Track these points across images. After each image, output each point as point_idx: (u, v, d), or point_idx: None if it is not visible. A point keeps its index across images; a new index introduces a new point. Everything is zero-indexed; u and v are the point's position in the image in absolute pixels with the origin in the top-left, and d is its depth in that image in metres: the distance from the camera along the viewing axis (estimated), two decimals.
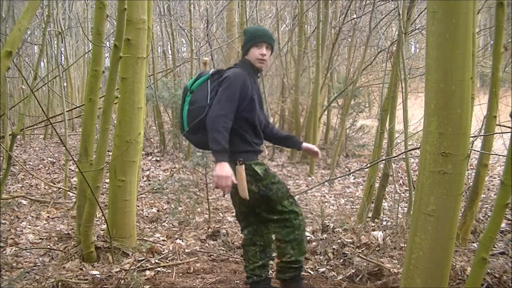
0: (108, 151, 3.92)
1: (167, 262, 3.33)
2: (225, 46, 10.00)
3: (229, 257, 3.48)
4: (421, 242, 1.94)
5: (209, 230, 4.16)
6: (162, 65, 11.69)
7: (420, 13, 5.96)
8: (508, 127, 3.26)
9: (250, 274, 2.60)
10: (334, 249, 3.38)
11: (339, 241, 3.46)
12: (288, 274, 2.58)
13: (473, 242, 3.53)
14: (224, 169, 2.21)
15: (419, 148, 1.99)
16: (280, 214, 2.55)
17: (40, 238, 3.99)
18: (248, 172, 2.40)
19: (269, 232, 2.62)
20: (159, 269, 3.20)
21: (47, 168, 7.20)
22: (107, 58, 7.18)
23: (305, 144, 2.73)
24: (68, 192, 5.45)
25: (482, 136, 3.49)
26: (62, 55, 11.00)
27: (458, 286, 2.68)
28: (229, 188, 2.24)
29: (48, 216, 4.71)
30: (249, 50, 2.48)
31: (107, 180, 3.98)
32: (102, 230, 4.01)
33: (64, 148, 5.98)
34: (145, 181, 6.63)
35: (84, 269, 3.13)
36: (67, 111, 6.01)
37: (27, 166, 7.11)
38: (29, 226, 4.34)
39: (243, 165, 2.38)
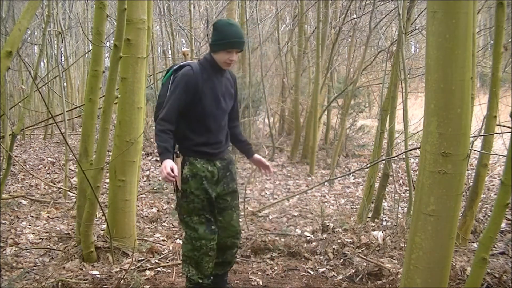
0: (108, 151, 3.92)
1: (167, 262, 3.33)
2: None
3: None
4: (421, 242, 1.94)
5: None
6: (162, 65, 11.68)
7: (420, 13, 5.95)
8: (508, 127, 3.26)
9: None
10: (334, 249, 3.38)
11: (339, 241, 3.46)
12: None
13: (473, 242, 3.53)
14: (164, 164, 2.31)
15: (419, 148, 1.99)
16: (184, 226, 2.55)
17: (40, 238, 3.99)
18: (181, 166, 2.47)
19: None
20: (159, 269, 3.20)
21: (47, 168, 7.20)
22: (107, 58, 7.17)
23: (256, 156, 2.72)
24: (68, 192, 5.44)
25: (482, 136, 3.50)
26: (62, 55, 11.00)
27: (458, 286, 2.68)
28: (169, 174, 2.26)
29: (48, 216, 4.71)
30: (217, 52, 2.43)
31: (107, 180, 3.98)
32: (102, 230, 4.01)
33: (64, 148, 5.98)
34: (145, 181, 6.63)
35: (84, 269, 3.13)
36: (67, 111, 6.00)
37: (27, 166, 7.11)
38: (29, 226, 4.34)
39: (180, 158, 2.47)
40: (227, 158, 2.62)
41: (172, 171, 2.28)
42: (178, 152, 2.50)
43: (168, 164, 2.30)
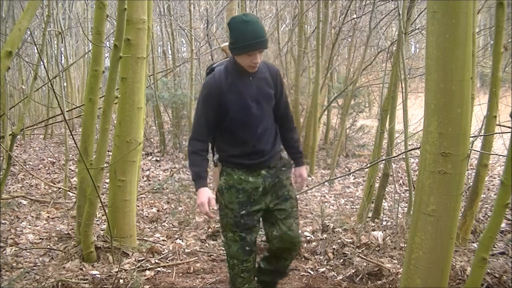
0: (108, 151, 3.92)
1: (167, 262, 3.33)
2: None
3: None
4: (421, 242, 1.94)
5: (209, 230, 4.16)
6: (162, 65, 11.68)
7: (420, 13, 5.95)
8: (508, 127, 3.25)
9: None
10: (334, 249, 3.38)
11: (339, 241, 3.46)
12: None
13: (473, 242, 3.53)
14: (199, 196, 2.14)
15: (419, 148, 1.99)
16: (223, 238, 2.39)
17: (40, 238, 3.99)
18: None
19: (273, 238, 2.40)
20: (159, 269, 3.20)
21: (47, 168, 7.20)
22: (107, 58, 7.17)
23: (300, 170, 2.49)
24: (68, 192, 5.44)
25: (482, 136, 3.49)
26: (62, 55, 11.00)
27: (458, 286, 2.68)
28: (209, 214, 2.13)
29: (48, 216, 4.71)
30: (239, 55, 2.15)
31: (107, 180, 3.98)
32: (102, 230, 4.01)
33: (64, 148, 5.98)
34: (145, 181, 6.62)
35: (84, 269, 3.13)
36: (67, 111, 6.00)
37: (27, 166, 7.11)
38: (29, 226, 4.34)
39: (218, 167, 2.30)
40: (276, 165, 2.32)
41: (210, 203, 2.12)
42: (216, 161, 2.32)
43: (205, 196, 2.12)
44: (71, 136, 3.65)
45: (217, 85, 2.18)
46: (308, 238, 3.73)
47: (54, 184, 6.04)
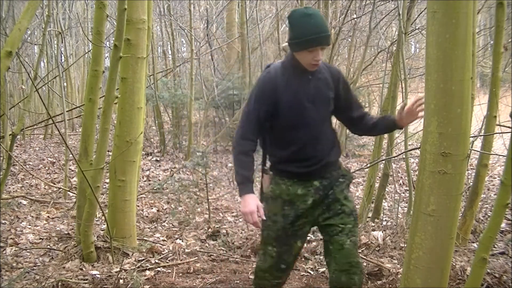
0: (108, 151, 3.92)
1: (167, 262, 3.33)
2: (225, 46, 10.00)
3: (229, 257, 3.48)
4: (421, 242, 1.94)
5: (209, 230, 4.16)
6: (162, 65, 11.68)
7: (420, 13, 5.95)
8: (508, 127, 3.26)
9: None
10: None
11: None
12: None
13: (473, 242, 3.53)
14: (246, 204, 1.96)
15: (419, 148, 1.99)
16: (261, 252, 2.19)
17: (40, 238, 3.99)
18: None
19: (333, 270, 2.13)
20: (159, 269, 3.20)
21: (47, 168, 7.19)
22: (107, 58, 7.17)
23: (400, 116, 2.07)
24: (68, 192, 5.44)
25: (482, 136, 3.49)
26: (62, 55, 11.00)
27: (458, 286, 2.68)
28: (257, 223, 1.98)
29: (48, 216, 4.71)
30: (298, 52, 1.98)
31: (107, 180, 3.98)
32: (102, 230, 4.01)
33: (64, 148, 5.98)
34: (145, 181, 6.62)
35: (84, 269, 3.13)
36: (67, 111, 6.00)
37: (27, 166, 7.11)
38: (29, 226, 4.34)
39: (269, 175, 2.13)
40: (331, 175, 2.10)
41: (258, 211, 1.96)
42: (267, 168, 2.16)
43: (253, 204, 1.95)
44: (70, 137, 3.62)
45: (272, 82, 2.04)
46: (308, 238, 3.73)
47: (54, 184, 6.04)
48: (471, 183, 3.63)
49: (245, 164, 2.02)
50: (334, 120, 2.28)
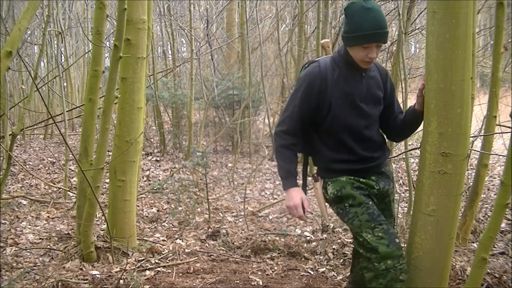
0: (108, 151, 3.92)
1: (167, 262, 3.33)
2: (225, 46, 10.00)
3: (229, 257, 3.48)
4: (421, 242, 1.94)
5: (209, 230, 4.16)
6: (162, 65, 11.68)
7: (420, 13, 5.95)
8: (508, 127, 3.26)
9: None
10: (334, 249, 3.38)
11: (339, 241, 3.46)
12: None
13: (473, 242, 3.53)
14: (290, 198, 1.92)
15: (419, 148, 1.99)
16: (361, 248, 1.94)
17: (40, 238, 3.99)
18: (323, 191, 2.05)
19: (360, 268, 2.03)
20: (159, 269, 3.20)
21: (47, 168, 7.19)
22: (107, 58, 7.17)
23: (414, 106, 2.01)
24: (68, 192, 5.44)
25: (482, 136, 3.49)
26: (62, 55, 11.00)
27: (458, 286, 2.68)
28: (302, 216, 1.93)
29: (48, 216, 4.71)
30: (352, 47, 1.89)
31: (107, 180, 3.98)
32: (102, 230, 4.01)
33: (64, 148, 5.98)
34: (145, 181, 6.62)
35: (84, 269, 3.13)
36: (67, 111, 6.00)
37: (27, 166, 7.11)
38: (29, 226, 4.34)
39: (320, 182, 2.04)
40: (387, 171, 2.10)
41: (303, 205, 1.91)
42: (316, 174, 2.06)
43: (298, 198, 1.90)
44: (70, 137, 3.62)
45: (322, 77, 1.92)
46: (308, 238, 3.73)
47: (54, 184, 6.04)
48: (471, 183, 3.63)
49: (288, 157, 1.96)
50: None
